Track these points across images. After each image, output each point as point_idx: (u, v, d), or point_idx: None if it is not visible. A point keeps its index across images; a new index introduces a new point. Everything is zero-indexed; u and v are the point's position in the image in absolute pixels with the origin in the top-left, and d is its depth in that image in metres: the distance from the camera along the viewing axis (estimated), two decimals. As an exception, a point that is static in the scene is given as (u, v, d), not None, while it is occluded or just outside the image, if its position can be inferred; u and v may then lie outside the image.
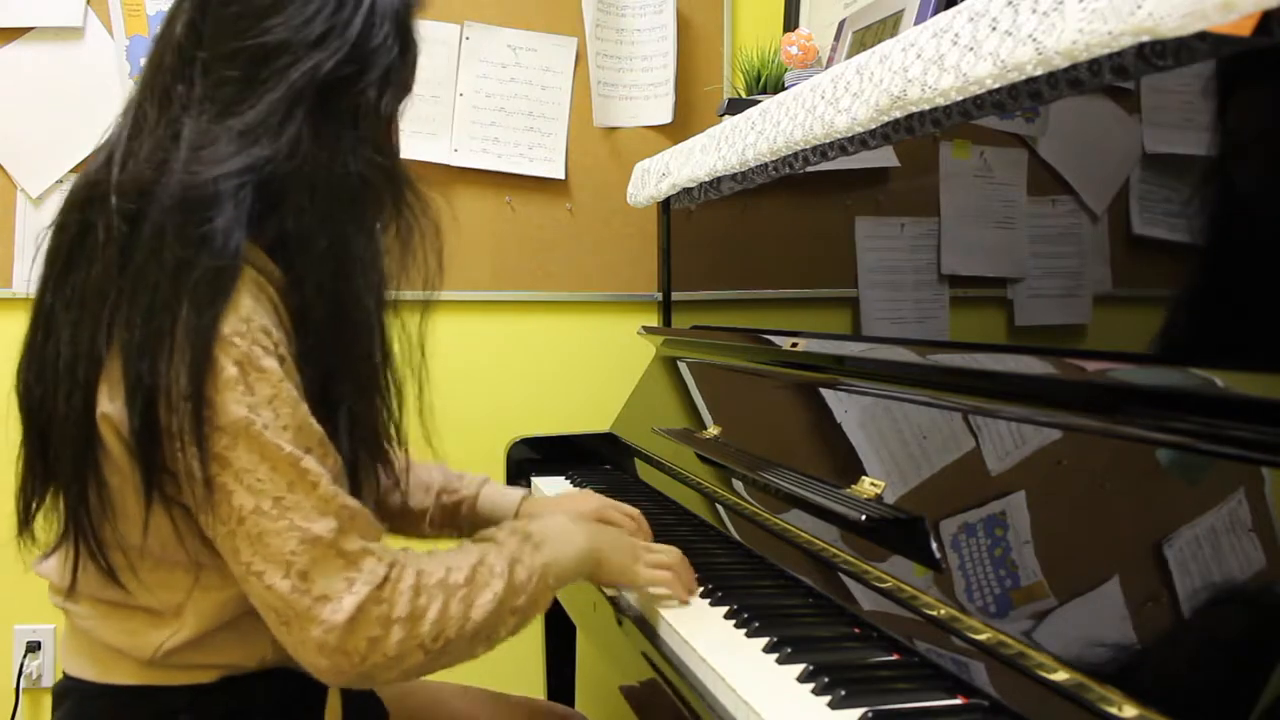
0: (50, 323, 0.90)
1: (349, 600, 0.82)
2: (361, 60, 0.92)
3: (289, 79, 0.88)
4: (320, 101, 0.89)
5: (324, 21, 0.90)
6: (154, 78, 0.93)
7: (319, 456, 0.84)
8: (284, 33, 0.89)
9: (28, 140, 1.98)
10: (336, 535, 0.83)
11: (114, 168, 0.88)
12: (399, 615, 0.83)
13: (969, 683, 0.79)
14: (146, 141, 0.89)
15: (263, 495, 0.81)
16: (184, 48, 0.91)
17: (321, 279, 0.89)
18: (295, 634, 0.82)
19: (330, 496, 0.83)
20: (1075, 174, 0.92)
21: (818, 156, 1.31)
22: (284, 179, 0.88)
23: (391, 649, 0.83)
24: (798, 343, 1.36)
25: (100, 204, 0.87)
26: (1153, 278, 0.86)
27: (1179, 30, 0.68)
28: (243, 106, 0.88)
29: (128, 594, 0.90)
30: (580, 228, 2.20)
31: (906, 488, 1.02)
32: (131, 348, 0.82)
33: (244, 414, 0.81)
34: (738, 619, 0.98)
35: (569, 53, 2.15)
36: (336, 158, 0.90)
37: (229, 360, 0.81)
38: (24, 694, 2.00)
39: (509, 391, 2.17)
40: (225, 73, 0.89)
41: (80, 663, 0.94)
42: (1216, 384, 0.72)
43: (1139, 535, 0.76)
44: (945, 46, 0.95)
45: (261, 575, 0.81)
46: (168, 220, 0.83)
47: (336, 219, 0.90)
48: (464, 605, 0.87)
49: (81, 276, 0.88)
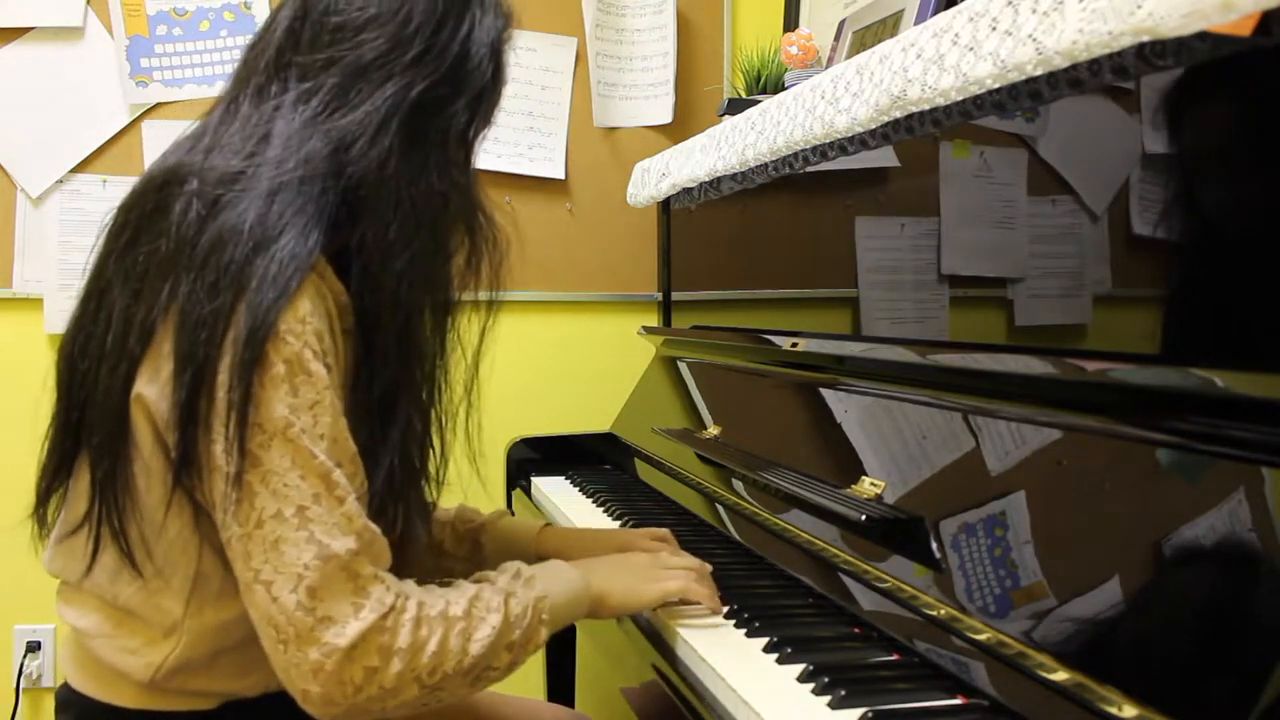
0: (105, 295, 0.89)
1: (353, 626, 0.80)
2: (455, 84, 0.94)
3: (384, 93, 0.90)
4: (412, 119, 0.91)
5: (422, 42, 0.92)
6: (249, 74, 0.94)
7: (349, 474, 0.84)
8: (382, 47, 0.90)
9: (28, 140, 1.98)
10: (352, 557, 0.81)
11: (199, 155, 0.89)
12: (400, 646, 0.81)
13: (969, 683, 0.79)
14: (237, 134, 0.90)
15: (287, 501, 0.80)
16: (282, 50, 0.93)
17: (397, 293, 0.90)
18: (290, 654, 0.80)
19: (354, 515, 0.83)
20: (1075, 174, 0.92)
21: (818, 156, 1.31)
22: (371, 189, 0.89)
23: (389, 681, 0.81)
24: (798, 343, 1.36)
25: (180, 186, 0.87)
26: (1153, 278, 0.86)
27: (1179, 30, 0.68)
28: (336, 114, 0.89)
29: (134, 590, 0.89)
30: (580, 228, 2.20)
31: (906, 488, 1.02)
32: (189, 320, 0.81)
33: (284, 414, 0.80)
34: (738, 619, 0.98)
35: (569, 53, 2.15)
36: (423, 176, 0.91)
37: (279, 357, 0.81)
38: (24, 694, 2.00)
39: (509, 391, 2.16)
40: (321, 79, 0.90)
41: (83, 678, 0.93)
42: (1216, 384, 0.72)
43: (1139, 535, 0.76)
44: (945, 46, 0.95)
45: (270, 585, 0.80)
46: (250, 208, 0.84)
47: (417, 236, 0.91)
48: (462, 639, 0.85)
49: (148, 250, 0.87)
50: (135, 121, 2.01)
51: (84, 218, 1.99)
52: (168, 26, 2.01)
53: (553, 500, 1.60)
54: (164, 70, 2.01)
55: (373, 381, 0.90)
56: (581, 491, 1.64)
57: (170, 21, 2.01)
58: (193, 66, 2.02)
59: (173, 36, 2.01)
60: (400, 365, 0.92)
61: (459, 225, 0.97)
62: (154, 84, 2.01)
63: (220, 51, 2.03)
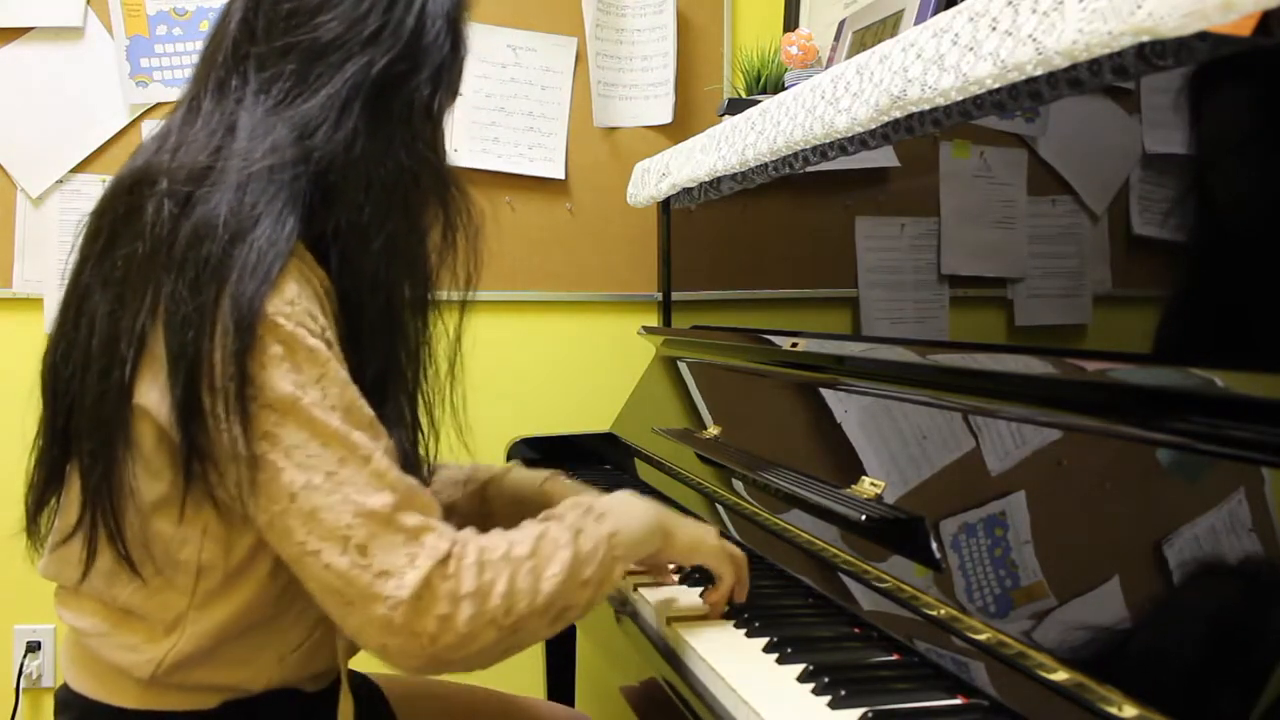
0: (84, 302, 0.89)
1: (412, 575, 0.79)
2: (414, 58, 0.93)
3: (344, 74, 0.89)
4: (374, 97, 0.90)
5: (377, 19, 0.91)
6: (208, 71, 0.94)
7: (371, 436, 0.83)
8: (338, 28, 0.90)
9: (28, 140, 1.98)
10: (394, 509, 0.80)
11: (166, 155, 0.89)
12: (466, 591, 0.80)
13: (969, 683, 0.79)
14: (201, 131, 0.90)
15: (314, 470, 0.79)
16: (238, 42, 0.92)
17: (376, 275, 0.90)
18: (359, 614, 0.79)
19: (384, 470, 0.82)
20: (1075, 174, 0.92)
21: (818, 156, 1.31)
22: (340, 172, 0.88)
23: (463, 626, 0.79)
24: (798, 343, 1.36)
25: (150, 187, 0.87)
26: (1153, 278, 0.86)
27: (1179, 30, 0.68)
28: (298, 100, 0.89)
29: (133, 590, 0.89)
30: (580, 228, 2.20)
31: (906, 488, 1.02)
32: (176, 320, 0.81)
33: (290, 390, 0.80)
34: (738, 619, 0.98)
35: (569, 53, 2.15)
36: (390, 154, 0.91)
37: (273, 339, 0.80)
38: (24, 694, 2.00)
39: (509, 391, 2.17)
40: (279, 67, 0.90)
41: (82, 678, 0.93)
42: (1216, 384, 0.72)
43: (1139, 535, 0.76)
44: (945, 46, 0.95)
45: (318, 554, 0.79)
46: (222, 202, 0.83)
47: (391, 215, 0.91)
48: (532, 578, 0.83)
49: (125, 254, 0.87)
50: (135, 121, 2.00)
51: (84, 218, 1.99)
52: (168, 26, 2.01)
53: (553, 500, 1.60)
54: (164, 70, 2.01)
55: (361, 364, 0.89)
56: (581, 491, 1.64)
57: (170, 21, 2.01)
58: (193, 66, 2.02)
59: (173, 36, 2.01)
60: (386, 346, 0.92)
61: (432, 201, 0.96)
62: (154, 84, 2.01)
63: (220, 51, 2.03)
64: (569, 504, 0.95)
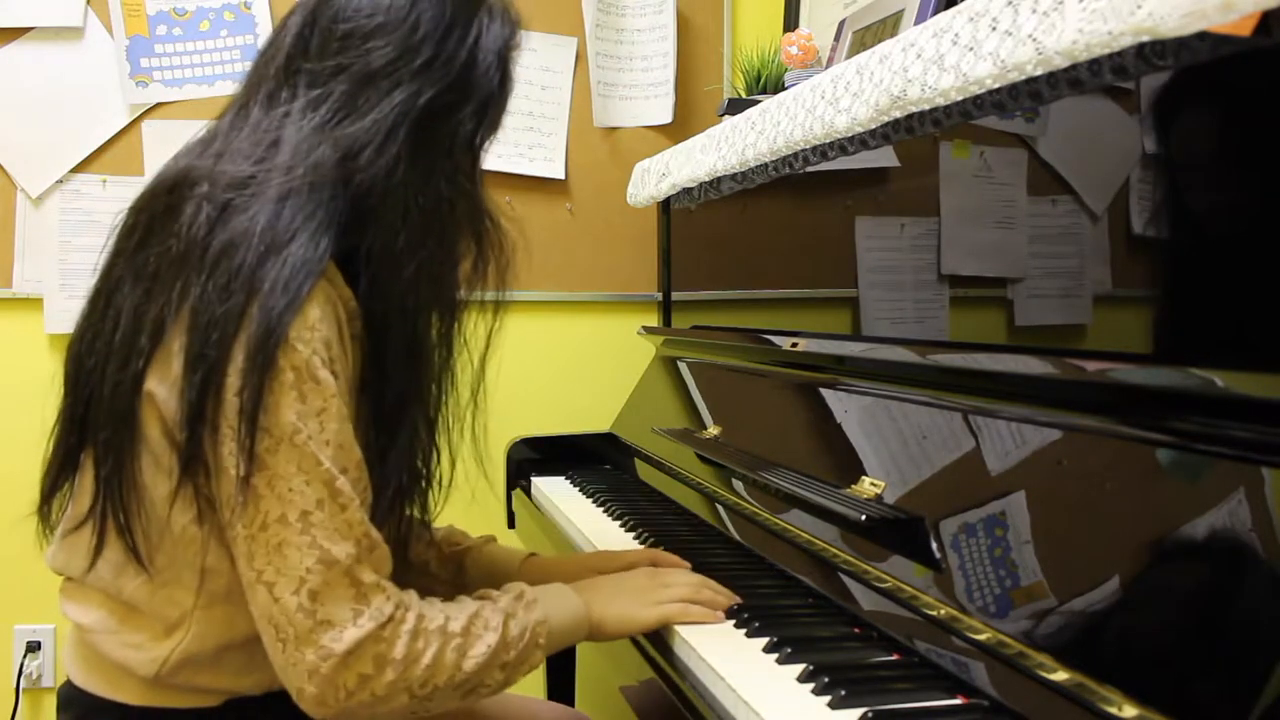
0: (114, 294, 0.90)
1: (351, 632, 0.81)
2: (463, 91, 0.94)
3: (392, 101, 0.90)
4: (420, 127, 0.91)
5: (430, 49, 0.92)
6: (259, 80, 0.95)
7: (353, 480, 0.85)
8: (390, 55, 0.91)
9: (28, 140, 1.98)
10: (353, 563, 0.83)
11: (210, 159, 0.90)
12: (395, 656, 0.83)
13: (969, 683, 0.79)
14: (247, 139, 0.91)
15: (291, 506, 0.81)
16: (292, 56, 0.93)
17: (405, 300, 0.91)
18: (289, 654, 0.82)
19: (356, 522, 0.84)
20: (1075, 174, 0.92)
21: (818, 156, 1.31)
22: (380, 196, 0.89)
23: (380, 689, 0.83)
24: (798, 343, 1.36)
25: (191, 189, 0.88)
26: (1153, 278, 0.86)
27: (1179, 30, 0.68)
28: (345, 121, 0.90)
29: (139, 584, 0.89)
30: (580, 228, 2.20)
31: (906, 488, 1.02)
32: (201, 320, 0.82)
33: (292, 420, 0.81)
34: (738, 619, 0.98)
35: (569, 53, 2.15)
36: (431, 184, 0.92)
37: (288, 364, 0.81)
38: (24, 694, 2.00)
39: (509, 391, 2.16)
40: (330, 86, 0.91)
41: (86, 674, 0.93)
42: (1216, 384, 0.72)
43: (1139, 535, 0.76)
44: (945, 46, 0.95)
45: (272, 586, 0.81)
46: (261, 213, 0.84)
47: (425, 243, 0.92)
48: (457, 655, 0.86)
49: (159, 250, 0.88)
50: (135, 121, 2.01)
51: (84, 218, 1.99)
52: (168, 26, 2.01)
53: (553, 500, 1.60)
54: (164, 70, 2.01)
55: (381, 387, 0.91)
56: (581, 492, 1.64)
57: (170, 21, 2.01)
58: (193, 66, 2.02)
59: (173, 36, 2.01)
60: (408, 371, 0.93)
61: (466, 232, 0.97)
62: (154, 84, 2.01)
63: (220, 51, 2.03)
64: (505, 588, 0.96)
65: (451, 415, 1.00)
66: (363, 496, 0.86)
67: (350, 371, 0.89)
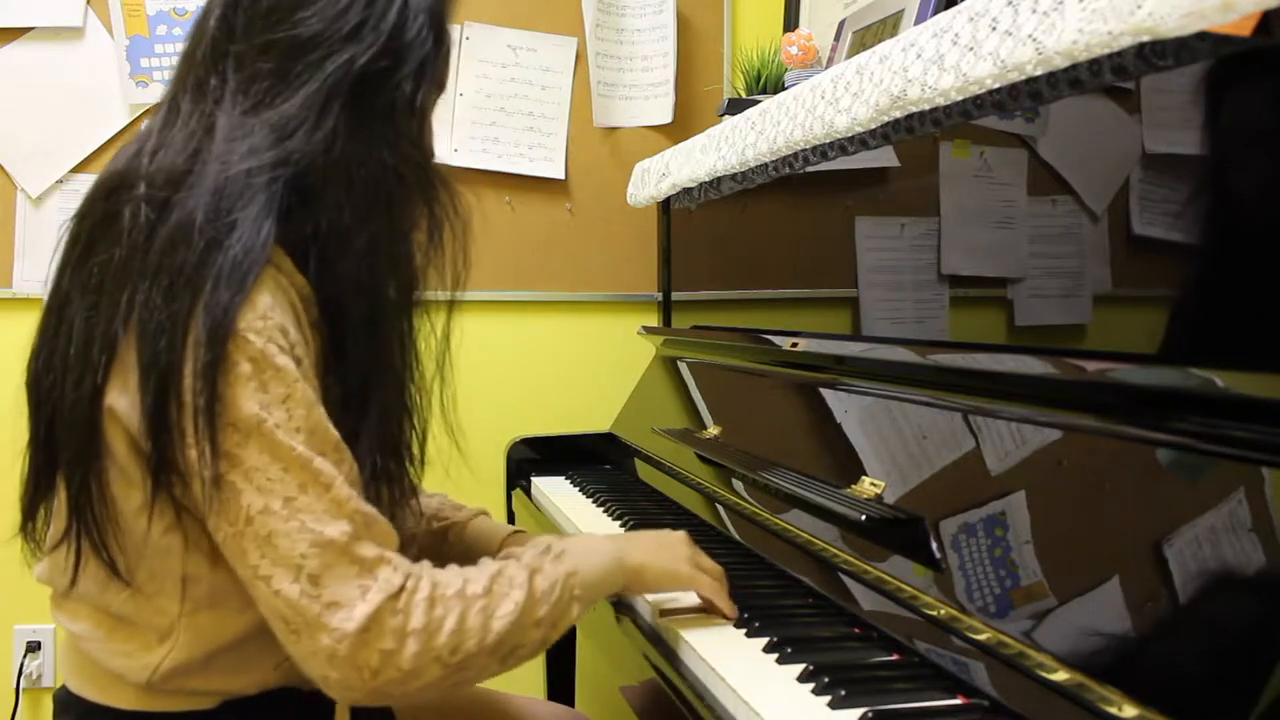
0: (64, 309, 0.88)
1: (361, 609, 0.78)
2: (396, 54, 0.91)
3: (324, 72, 0.87)
4: (355, 95, 0.88)
5: (358, 14, 0.89)
6: (187, 71, 0.92)
7: (334, 461, 0.82)
8: (317, 25, 0.88)
9: (28, 140, 1.98)
10: (350, 540, 0.80)
11: (144, 158, 0.88)
12: (414, 627, 0.80)
13: (969, 683, 0.79)
14: (179, 133, 0.88)
15: (272, 495, 0.79)
16: (217, 41, 0.90)
17: (358, 277, 0.88)
18: (305, 644, 0.79)
19: (344, 500, 0.81)
20: (1075, 174, 0.92)
21: (818, 156, 1.31)
22: (320, 174, 0.87)
23: (406, 663, 0.79)
24: (798, 343, 1.36)
25: (128, 192, 0.86)
26: (1153, 278, 0.86)
27: (1179, 30, 0.68)
28: (277, 99, 0.87)
29: (125, 598, 0.88)
30: (580, 228, 2.20)
31: (906, 488, 1.02)
32: (149, 327, 0.80)
33: (255, 411, 0.79)
34: (738, 619, 0.98)
35: (569, 53, 2.15)
36: (373, 153, 0.89)
37: (242, 356, 0.79)
38: (24, 694, 2.00)
39: (509, 391, 2.17)
40: (258, 66, 0.88)
41: (80, 680, 0.92)
42: (1216, 384, 0.72)
43: (1139, 535, 0.76)
44: (945, 46, 0.95)
45: (269, 580, 0.79)
46: (198, 207, 0.82)
47: (373, 216, 0.89)
48: (483, 617, 0.83)
49: (102, 260, 0.86)
50: (135, 121, 2.00)
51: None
52: (168, 26, 2.01)
53: (553, 500, 1.60)
54: (164, 70, 2.01)
55: (345, 369, 0.88)
56: (581, 491, 1.64)
57: (170, 21, 2.01)
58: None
59: (173, 36, 2.01)
60: (371, 349, 0.90)
61: (417, 199, 0.94)
62: (154, 84, 2.01)
63: (220, 51, 2.03)
64: (529, 544, 0.94)
65: (420, 389, 0.97)
66: (349, 475, 0.83)
67: (314, 357, 0.87)
